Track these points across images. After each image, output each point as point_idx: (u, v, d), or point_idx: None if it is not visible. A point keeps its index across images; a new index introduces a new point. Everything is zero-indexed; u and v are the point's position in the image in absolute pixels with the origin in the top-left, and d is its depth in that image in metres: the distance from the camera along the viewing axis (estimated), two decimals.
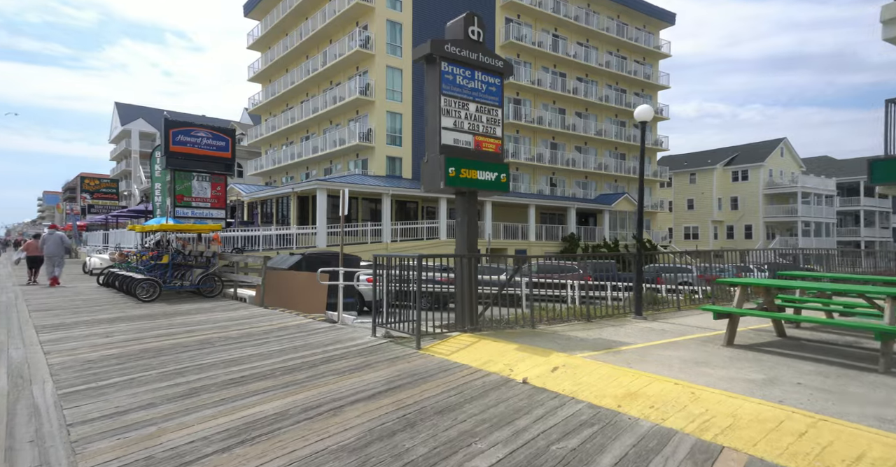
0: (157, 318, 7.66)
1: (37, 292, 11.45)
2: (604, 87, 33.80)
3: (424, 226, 23.79)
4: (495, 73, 6.17)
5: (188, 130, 16.76)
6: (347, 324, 7.15)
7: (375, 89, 25.28)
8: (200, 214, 17.31)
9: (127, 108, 63.10)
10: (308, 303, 9.50)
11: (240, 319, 7.56)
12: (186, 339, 5.95)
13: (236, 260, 10.42)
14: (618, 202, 30.09)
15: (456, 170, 5.62)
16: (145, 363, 4.73)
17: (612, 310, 6.82)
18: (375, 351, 5.11)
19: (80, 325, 6.99)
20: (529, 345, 4.82)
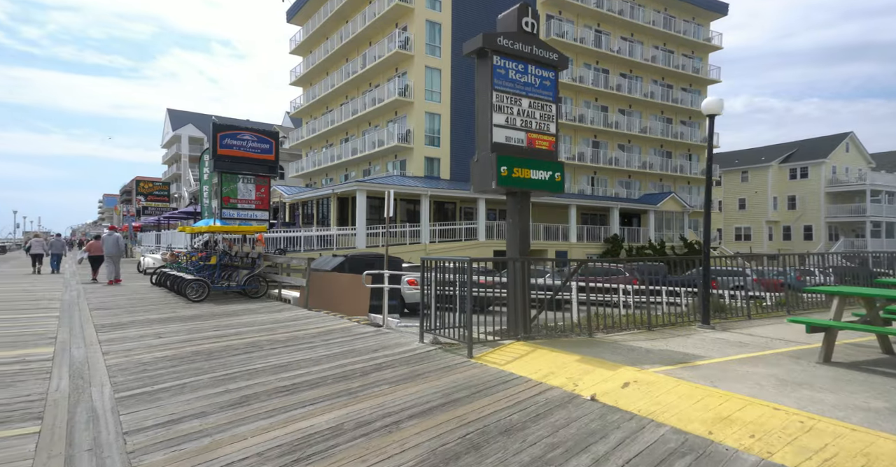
0: (205, 319, 7.76)
1: (97, 290, 11.99)
2: (649, 83, 32.50)
3: (463, 226, 23.55)
4: (549, 66, 5.83)
5: (234, 134, 17.22)
6: (392, 328, 6.99)
7: (414, 90, 25.27)
8: (245, 216, 17.75)
9: (178, 114, 66.38)
10: (351, 306, 9.44)
11: (285, 321, 7.54)
12: (235, 342, 5.94)
13: (280, 261, 10.52)
14: (664, 202, 28.81)
15: (508, 170, 5.32)
16: (196, 367, 4.69)
17: (674, 317, 6.33)
18: (425, 360, 4.89)
19: (135, 325, 7.15)
20: (592, 357, 4.46)
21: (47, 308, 8.98)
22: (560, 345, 5.12)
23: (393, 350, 5.38)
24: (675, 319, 6.26)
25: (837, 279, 9.50)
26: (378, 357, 5.06)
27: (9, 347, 5.64)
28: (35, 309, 8.84)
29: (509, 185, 5.41)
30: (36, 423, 3.27)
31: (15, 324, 7.27)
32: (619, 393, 3.49)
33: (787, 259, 8.60)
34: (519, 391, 3.82)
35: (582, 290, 6.48)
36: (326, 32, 33.33)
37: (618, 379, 3.74)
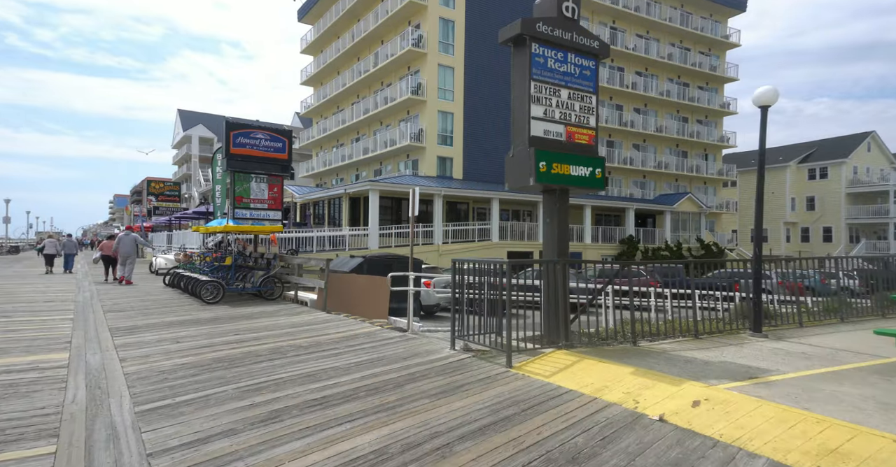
0: (223, 322, 7.50)
1: (110, 291, 11.80)
2: (665, 81, 31.95)
3: (476, 227, 23.21)
4: (590, 54, 5.48)
5: (247, 132, 17.01)
6: (418, 333, 6.67)
7: (427, 88, 24.98)
8: (258, 216, 17.52)
9: (188, 115, 66.74)
10: (371, 308, 9.14)
11: (305, 325, 7.25)
12: (256, 347, 5.65)
13: (297, 262, 10.26)
14: (680, 202, 28.25)
15: (547, 165, 4.98)
16: (219, 376, 4.40)
17: (720, 324, 5.94)
18: (461, 369, 4.56)
19: (151, 328, 6.90)
20: (646, 369, 4.11)
21: (61, 310, 8.78)
22: (605, 354, 4.77)
23: (424, 358, 5.06)
24: (721, 326, 5.88)
25: (863, 282, 9.03)
26: (410, 365, 4.74)
27: (23, 352, 5.40)
28: (49, 311, 8.64)
29: (548, 182, 5.07)
30: (51, 442, 2.98)
31: (29, 326, 7.05)
32: (692, 413, 3.14)
33: (809, 262, 8.11)
34: (573, 408, 3.47)
35: (620, 294, 6.11)
36: (338, 31, 33.16)
37: (685, 397, 3.39)
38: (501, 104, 27.25)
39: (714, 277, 9.76)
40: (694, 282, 5.80)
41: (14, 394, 3.88)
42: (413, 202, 7.58)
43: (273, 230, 10.79)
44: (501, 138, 27.40)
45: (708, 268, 11.78)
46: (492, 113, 27.06)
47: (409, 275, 7.06)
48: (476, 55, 26.31)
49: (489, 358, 4.93)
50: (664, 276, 15.40)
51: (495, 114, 27.16)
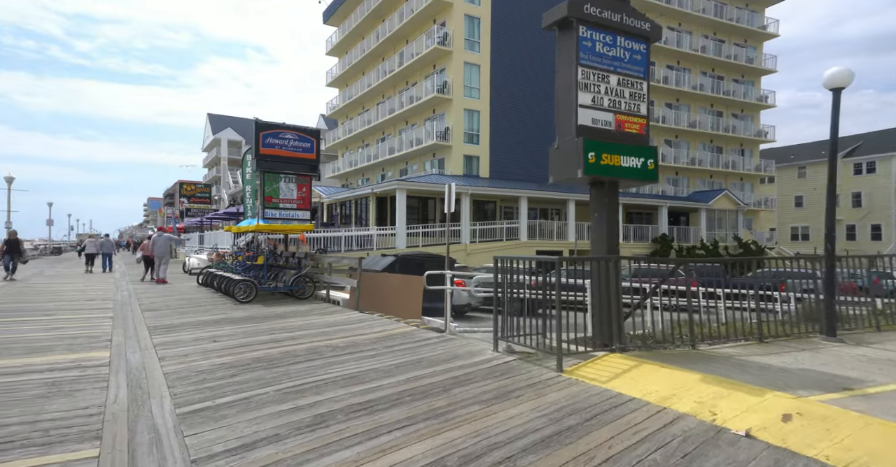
0: (257, 321, 7.43)
1: (147, 291, 12.00)
2: (698, 75, 30.86)
3: (504, 226, 22.86)
4: (640, 37, 5.14)
5: (276, 133, 17.14)
6: (456, 333, 6.44)
7: (453, 87, 24.77)
8: (287, 215, 17.63)
9: (217, 119, 68.42)
10: (404, 308, 8.96)
11: (339, 325, 7.11)
12: (293, 347, 5.52)
13: (329, 261, 10.17)
14: (716, 199, 27.19)
15: (596, 156, 4.67)
16: (259, 376, 4.26)
17: (785, 327, 5.49)
18: (509, 373, 4.29)
19: (187, 327, 6.88)
20: (718, 376, 3.76)
21: (101, 308, 8.91)
22: (664, 358, 4.43)
23: (467, 360, 4.81)
24: (788, 329, 5.43)
25: None
26: (453, 368, 4.50)
27: (66, 350, 5.41)
28: (90, 309, 8.78)
29: (597, 174, 4.75)
30: (94, 444, 2.87)
31: (71, 324, 7.14)
32: (784, 429, 2.79)
33: (858, 260, 7.43)
34: (641, 419, 3.17)
35: (669, 295, 5.73)
36: (363, 32, 33.31)
37: (770, 410, 3.04)
38: (528, 101, 26.80)
39: (759, 277, 9.15)
40: (747, 282, 5.38)
41: (58, 393, 3.83)
42: (449, 198, 7.34)
43: (304, 229, 10.75)
44: (529, 136, 26.96)
45: (748, 268, 11.25)
46: (518, 110, 26.65)
47: (445, 273, 6.82)
48: (502, 52, 25.95)
49: (536, 362, 4.65)
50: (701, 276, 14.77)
51: (522, 111, 26.74)
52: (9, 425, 3.15)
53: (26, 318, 7.57)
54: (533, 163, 27.17)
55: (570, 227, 23.99)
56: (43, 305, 9.11)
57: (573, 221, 24.00)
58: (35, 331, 6.56)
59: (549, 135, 26.53)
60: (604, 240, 4.94)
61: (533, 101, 26.90)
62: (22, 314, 8.00)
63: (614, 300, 4.68)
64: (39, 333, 6.38)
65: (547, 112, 27.36)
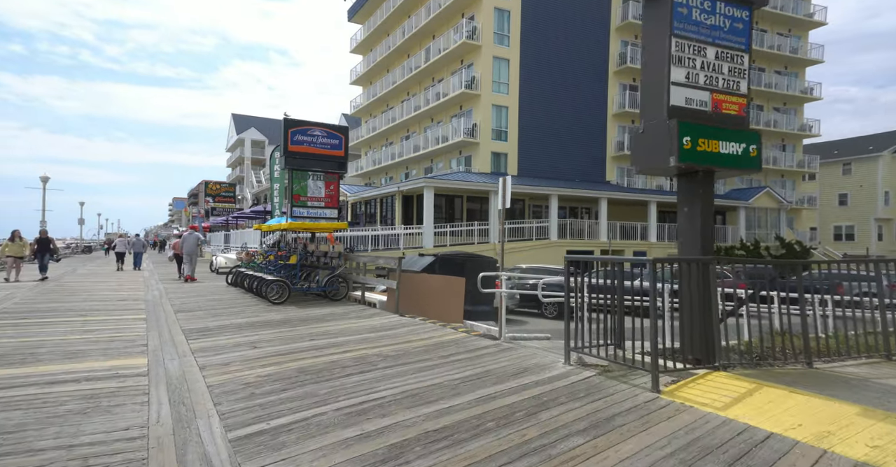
0: (294, 325, 7.05)
1: (177, 290, 11.81)
2: None
3: (534, 225, 22.19)
4: (743, 2, 4.51)
5: (305, 129, 16.87)
6: (511, 341, 5.91)
7: (481, 82, 24.19)
8: (315, 214, 17.34)
9: (241, 119, 69.27)
10: (444, 311, 8.48)
11: (382, 330, 6.66)
12: (339, 356, 5.09)
13: (364, 261, 9.76)
14: (757, 197, 25.94)
15: (692, 141, 4.07)
16: (311, 393, 3.82)
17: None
18: (594, 392, 3.75)
19: (223, 331, 6.53)
20: (880, 409, 3.12)
21: (134, 309, 8.68)
22: (780, 379, 3.82)
23: (539, 375, 4.28)
24: None
25: None
26: (527, 385, 3.98)
27: (102, 356, 5.08)
28: (123, 310, 8.56)
29: (693, 162, 4.15)
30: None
31: (105, 326, 6.87)
32: None
33: None
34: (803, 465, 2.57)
35: (769, 301, 5.08)
36: (388, 29, 32.98)
37: None
38: (558, 96, 26.04)
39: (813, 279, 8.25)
40: (809, 285, 4.69)
41: (96, 409, 3.45)
42: (504, 193, 6.79)
43: (338, 227, 10.37)
44: (558, 132, 26.20)
45: (794, 270, 10.47)
46: (548, 106, 25.91)
47: (500, 275, 6.28)
48: (532, 46, 25.24)
49: (620, 378, 4.09)
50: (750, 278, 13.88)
51: (552, 107, 25.99)
52: (44, 450, 2.76)
53: (60, 320, 7.35)
54: (562, 161, 26.41)
55: (601, 226, 23.16)
56: (77, 305, 8.94)
57: (605, 220, 23.17)
58: (70, 333, 6.30)
59: (580, 132, 25.72)
60: (697, 239, 4.33)
61: (563, 97, 26.13)
62: (56, 314, 7.80)
63: (713, 308, 4.08)
64: (74, 336, 6.11)
65: (577, 108, 26.53)
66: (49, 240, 14.53)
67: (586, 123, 26.78)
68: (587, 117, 26.77)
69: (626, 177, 27.85)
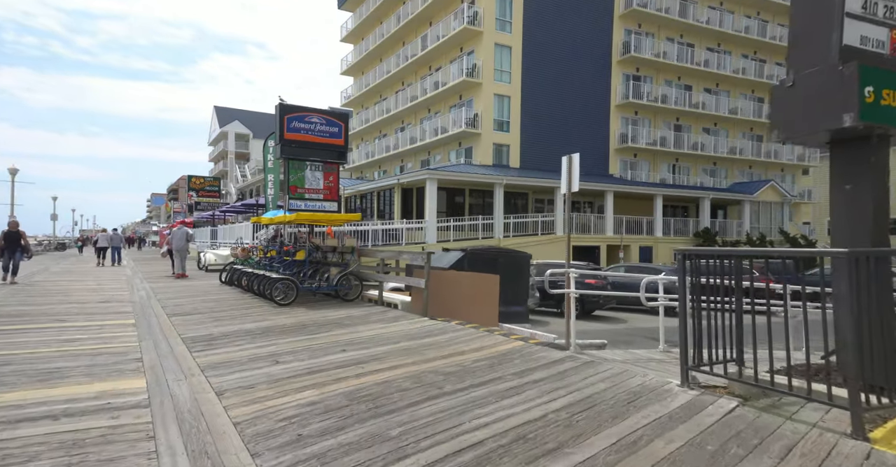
0: (313, 331, 6.03)
1: (166, 289, 10.62)
2: (739, 58, 29.13)
3: (539, 219, 21.37)
4: None
5: (302, 116, 15.69)
6: (584, 352, 5.00)
7: (483, 70, 23.20)
8: (313, 207, 16.23)
9: (224, 111, 67.00)
10: (477, 313, 7.54)
11: (420, 337, 5.69)
12: (388, 373, 4.11)
13: (383, 256, 8.74)
14: (761, 191, 25.59)
15: (875, 92, 3.12)
16: (379, 433, 2.83)
17: None
18: (763, 435, 2.84)
19: (232, 339, 5.48)
20: None
21: (119, 312, 7.54)
22: None
23: (663, 404, 3.36)
24: None
25: None
26: (660, 420, 3.06)
27: (86, 376, 4.00)
28: (105, 313, 7.41)
29: (876, 121, 3.13)
30: None
31: (87, 333, 5.75)
32: None
33: None
34: None
35: None
36: (381, 16, 31.71)
37: None
38: (562, 85, 25.21)
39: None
40: None
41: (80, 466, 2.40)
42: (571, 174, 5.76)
43: (349, 219, 9.31)
44: (561, 123, 25.39)
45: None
46: (551, 95, 25.07)
47: (569, 272, 5.33)
48: (534, 33, 24.34)
49: (773, 411, 3.20)
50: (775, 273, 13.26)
51: (555, 96, 25.16)
52: None
53: (32, 326, 6.19)
54: (565, 153, 25.57)
55: (608, 221, 22.47)
56: (52, 308, 7.74)
57: (611, 214, 22.48)
58: (44, 343, 5.18)
59: (582, 123, 24.80)
60: (867, 223, 3.36)
61: (565, 86, 25.31)
62: (27, 319, 6.62)
63: (880, 316, 3.19)
64: (49, 348, 4.99)
65: (580, 98, 25.74)
66: (20, 234, 11.84)
67: (589, 114, 26.04)
68: (590, 108, 26.03)
69: (629, 170, 27.24)
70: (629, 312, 14.10)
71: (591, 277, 12.47)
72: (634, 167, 27.23)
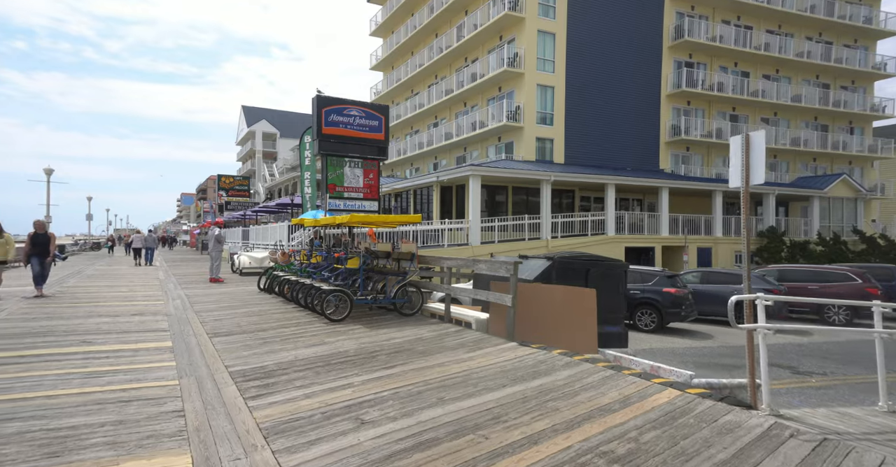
0: (387, 363, 4.82)
1: (202, 298, 9.64)
2: (802, 40, 26.76)
3: (589, 219, 19.81)
4: None
5: (341, 109, 14.61)
6: (784, 416, 3.62)
7: (525, 59, 21.73)
8: (353, 206, 15.17)
9: (251, 111, 67.22)
10: (572, 337, 6.22)
11: (527, 376, 4.42)
12: (532, 458, 2.84)
13: (450, 265, 7.48)
14: (832, 186, 23.34)
15: None
16: None
17: None
18: None
19: (291, 374, 4.33)
20: None
21: (154, 330, 6.52)
22: None
23: None
24: None
25: None
26: None
27: (110, 448, 2.86)
28: (140, 331, 6.40)
29: None
30: None
31: (117, 362, 4.70)
32: None
33: None
34: None
35: None
36: (412, 7, 30.54)
37: None
38: (610, 74, 23.51)
39: None
40: None
41: None
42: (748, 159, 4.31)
43: (409, 220, 8.10)
44: (609, 115, 23.71)
45: None
46: (597, 86, 23.41)
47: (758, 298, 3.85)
48: (580, 17, 22.72)
49: None
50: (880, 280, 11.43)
51: (602, 86, 23.49)
52: None
53: (55, 351, 5.19)
54: (612, 147, 23.95)
55: (662, 220, 20.73)
56: (79, 325, 6.79)
57: (666, 212, 20.73)
58: (63, 381, 4.12)
59: (630, 115, 22.81)
60: None
61: (612, 75, 23.61)
62: (50, 341, 5.63)
63: None
64: (69, 388, 3.93)
65: (628, 87, 23.99)
66: (49, 237, 9.89)
67: (638, 105, 24.27)
68: (639, 98, 24.25)
69: (681, 164, 25.33)
70: (708, 324, 12.55)
71: (671, 285, 10.99)
72: (687, 161, 25.29)
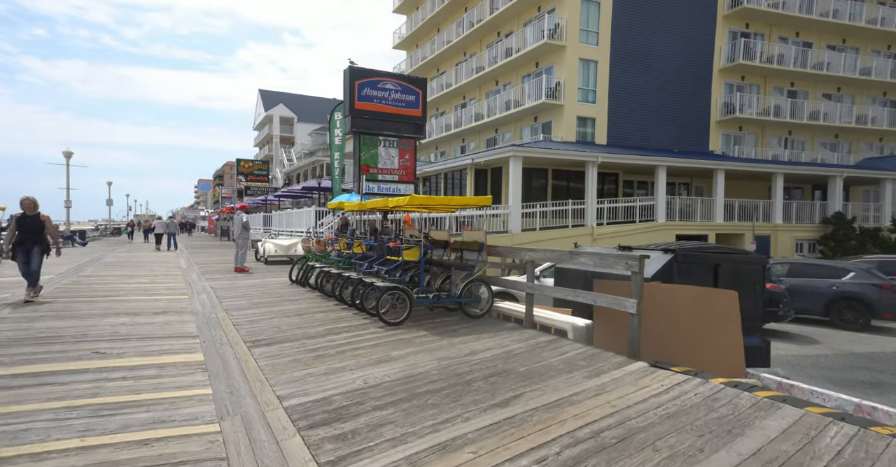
0: (489, 392, 3.59)
1: (231, 291, 8.51)
2: (875, 6, 24.27)
3: (637, 204, 18.24)
4: None
5: (375, 82, 13.21)
6: None
7: (567, 30, 19.94)
8: (387, 190, 13.87)
9: (269, 95, 66.15)
10: (710, 353, 4.87)
11: (735, 430, 3.12)
12: None
13: (532, 257, 6.16)
14: None
15: None
16: None
17: None
18: None
19: (372, 418, 3.08)
20: None
21: (180, 335, 5.39)
22: None
23: None
24: None
25: None
26: None
27: None
28: (163, 337, 5.27)
29: None
30: None
31: (137, 389, 3.51)
32: None
33: None
34: None
35: None
36: None
37: None
38: (655, 47, 21.57)
39: None
40: None
41: None
42: None
43: (478, 202, 6.76)
44: (657, 91, 21.83)
45: None
46: (643, 59, 21.51)
47: None
48: None
49: None
50: None
51: (647, 60, 21.58)
52: None
53: (59, 368, 4.05)
54: (658, 127, 22.12)
55: (717, 205, 19.04)
56: (93, 326, 5.69)
57: (721, 197, 19.01)
58: (58, 427, 2.90)
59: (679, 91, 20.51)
60: None
61: (660, 47, 21.66)
62: (56, 351, 4.50)
63: None
64: (64, 441, 2.71)
65: (677, 60, 22.01)
66: (43, 221, 7.28)
67: (687, 79, 22.33)
68: (689, 72, 22.29)
69: (733, 145, 23.40)
70: (801, 323, 11.05)
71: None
72: (739, 142, 23.33)
